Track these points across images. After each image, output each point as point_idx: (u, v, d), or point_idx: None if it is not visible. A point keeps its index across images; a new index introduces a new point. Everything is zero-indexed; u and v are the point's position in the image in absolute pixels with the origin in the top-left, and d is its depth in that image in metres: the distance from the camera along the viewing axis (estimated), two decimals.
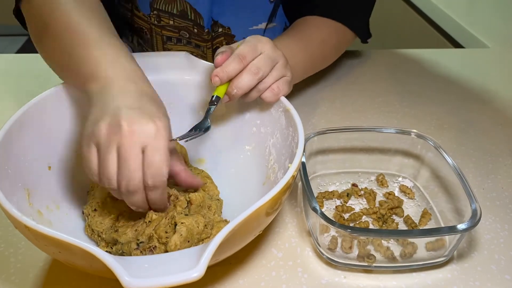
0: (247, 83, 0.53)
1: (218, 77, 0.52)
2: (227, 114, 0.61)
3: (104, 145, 0.43)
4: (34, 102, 0.52)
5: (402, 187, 0.62)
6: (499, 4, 1.27)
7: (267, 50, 0.55)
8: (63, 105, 0.55)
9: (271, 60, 0.55)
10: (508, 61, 0.98)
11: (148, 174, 0.43)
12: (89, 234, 0.51)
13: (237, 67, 0.53)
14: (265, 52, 0.55)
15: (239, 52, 0.53)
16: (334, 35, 0.76)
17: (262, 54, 0.54)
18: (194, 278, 0.36)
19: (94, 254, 0.36)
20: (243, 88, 0.53)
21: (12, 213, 0.40)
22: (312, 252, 0.53)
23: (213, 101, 0.53)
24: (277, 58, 0.56)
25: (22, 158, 0.49)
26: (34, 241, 0.41)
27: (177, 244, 0.45)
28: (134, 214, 0.50)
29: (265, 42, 0.55)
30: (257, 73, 0.53)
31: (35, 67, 0.89)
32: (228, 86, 0.54)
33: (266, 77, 0.55)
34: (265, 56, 0.54)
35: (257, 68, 0.53)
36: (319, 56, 0.75)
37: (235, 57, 0.53)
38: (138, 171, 0.43)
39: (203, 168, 0.60)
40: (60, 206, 0.52)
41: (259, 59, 0.54)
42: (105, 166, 0.43)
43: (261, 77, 0.54)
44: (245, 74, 0.53)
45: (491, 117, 0.78)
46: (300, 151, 0.48)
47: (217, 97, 0.53)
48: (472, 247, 0.55)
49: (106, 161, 0.43)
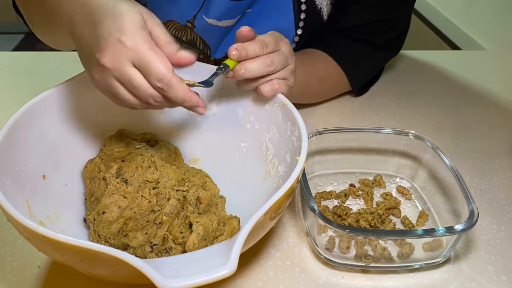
0: (257, 70, 0.53)
1: (238, 51, 0.52)
2: (219, 112, 0.61)
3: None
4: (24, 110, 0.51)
5: (399, 188, 0.62)
6: (496, 6, 1.28)
7: (286, 50, 0.55)
8: (52, 113, 0.54)
9: (285, 59, 0.55)
10: (505, 63, 0.99)
11: (153, 81, 0.44)
12: (95, 240, 0.50)
13: (257, 51, 0.53)
14: (284, 51, 0.55)
15: (264, 39, 0.53)
16: (335, 76, 0.77)
17: (280, 50, 0.55)
18: (227, 274, 0.35)
19: (124, 259, 0.35)
20: (251, 72, 0.53)
21: (27, 224, 0.38)
22: (309, 252, 0.53)
23: (221, 67, 0.52)
24: (290, 61, 0.56)
25: (17, 168, 0.49)
26: (50, 251, 0.40)
27: (195, 243, 0.44)
28: (141, 218, 0.50)
29: (287, 42, 0.56)
30: (270, 65, 0.53)
31: (31, 65, 0.89)
32: (237, 63, 0.53)
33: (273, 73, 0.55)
34: (282, 54, 0.55)
35: (271, 61, 0.53)
36: (315, 87, 0.76)
37: (258, 41, 0.53)
38: (143, 84, 0.44)
39: (198, 167, 0.60)
40: (60, 216, 0.51)
41: (277, 54, 0.54)
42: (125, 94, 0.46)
43: (271, 71, 0.54)
44: (259, 61, 0.53)
45: (488, 118, 0.78)
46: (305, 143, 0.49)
47: (225, 65, 0.52)
48: (469, 248, 0.55)
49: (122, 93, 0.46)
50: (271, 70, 0.54)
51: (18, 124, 0.50)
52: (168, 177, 0.54)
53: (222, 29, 0.72)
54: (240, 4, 0.69)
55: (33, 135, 0.52)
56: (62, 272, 0.50)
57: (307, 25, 0.73)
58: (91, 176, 0.54)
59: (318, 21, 0.73)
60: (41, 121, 0.53)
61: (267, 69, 0.53)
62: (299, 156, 0.47)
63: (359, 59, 0.78)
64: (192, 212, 0.48)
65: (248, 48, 0.52)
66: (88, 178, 0.54)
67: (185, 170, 0.57)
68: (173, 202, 0.51)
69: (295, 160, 0.47)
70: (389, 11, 0.74)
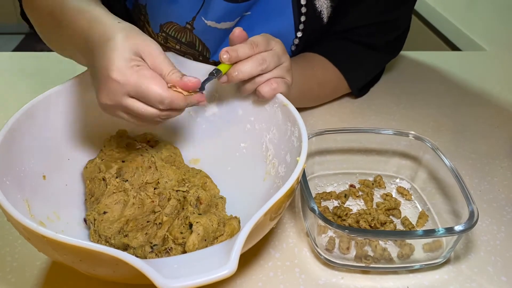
0: (250, 69, 0.53)
1: (228, 54, 0.53)
2: (219, 113, 0.61)
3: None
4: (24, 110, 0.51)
5: (399, 189, 0.62)
6: (497, 7, 1.28)
7: (278, 48, 0.56)
8: (52, 113, 0.54)
9: (278, 58, 0.55)
10: (505, 64, 0.99)
11: (155, 105, 0.47)
12: (96, 240, 0.50)
13: (247, 51, 0.53)
14: (275, 49, 0.55)
15: (253, 39, 0.54)
16: (335, 80, 0.77)
17: (272, 50, 0.55)
18: (227, 274, 0.35)
19: (124, 259, 0.35)
20: (245, 73, 0.54)
21: (27, 224, 0.38)
22: (309, 253, 0.53)
23: (213, 72, 0.53)
24: (283, 59, 0.56)
25: (17, 168, 0.49)
26: (50, 251, 0.40)
27: (195, 244, 0.44)
28: (142, 218, 0.50)
29: (278, 42, 0.57)
30: (262, 64, 0.54)
31: (31, 66, 0.89)
32: (230, 67, 0.54)
33: (267, 72, 0.55)
34: (274, 52, 0.55)
35: (263, 59, 0.54)
36: (315, 91, 0.76)
37: (248, 42, 0.54)
38: (147, 110, 0.47)
39: (198, 167, 0.60)
40: (60, 216, 0.51)
41: (268, 53, 0.55)
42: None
43: (264, 70, 0.54)
44: (250, 61, 0.54)
45: (488, 119, 0.78)
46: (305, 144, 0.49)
47: (217, 70, 0.53)
48: (469, 249, 0.55)
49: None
50: (264, 68, 0.54)
51: (19, 124, 0.50)
52: (168, 178, 0.54)
53: (221, 31, 0.72)
54: (239, 7, 0.69)
55: (33, 135, 0.52)
56: (62, 272, 0.50)
57: (307, 28, 0.73)
58: (91, 177, 0.54)
59: (318, 23, 0.74)
60: (41, 121, 0.53)
61: (260, 67, 0.54)
62: (299, 157, 0.47)
63: (359, 61, 0.78)
64: (192, 212, 0.48)
65: (238, 50, 0.53)
66: (88, 178, 0.54)
67: (185, 171, 0.57)
68: (173, 203, 0.51)
69: (295, 161, 0.48)
70: (389, 13, 0.74)
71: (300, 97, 0.71)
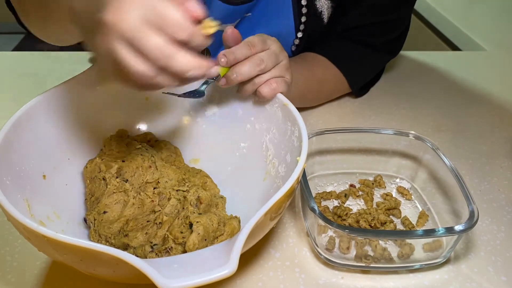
0: (248, 71, 0.53)
1: (226, 57, 0.52)
2: (219, 113, 0.61)
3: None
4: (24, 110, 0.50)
5: (399, 188, 0.62)
6: (497, 7, 1.28)
7: (274, 47, 0.56)
8: (53, 113, 0.54)
9: (275, 56, 0.55)
10: (504, 64, 0.99)
11: (173, 33, 0.39)
12: (96, 240, 0.50)
13: (245, 52, 0.53)
14: (272, 48, 0.55)
15: (250, 40, 0.54)
16: (335, 80, 0.77)
17: (269, 49, 0.55)
18: (227, 274, 0.35)
19: (124, 259, 0.35)
20: (243, 74, 0.53)
21: (27, 224, 0.38)
22: (309, 253, 0.53)
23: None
24: (281, 58, 0.56)
25: (17, 168, 0.48)
26: (50, 250, 0.40)
27: (195, 243, 0.44)
28: (142, 218, 0.50)
29: (274, 41, 0.56)
30: (260, 64, 0.54)
31: (31, 65, 0.89)
32: (228, 70, 0.54)
33: (266, 72, 0.55)
34: (271, 51, 0.55)
35: (260, 59, 0.54)
36: (315, 91, 0.76)
37: (245, 43, 0.53)
38: (158, 41, 0.38)
39: (198, 167, 0.60)
40: (60, 215, 0.51)
41: (265, 52, 0.55)
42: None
43: (262, 70, 0.54)
44: (248, 63, 0.53)
45: (488, 119, 0.78)
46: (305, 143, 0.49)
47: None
48: (469, 249, 0.55)
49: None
50: (262, 68, 0.54)
51: (19, 124, 0.50)
52: (168, 177, 0.54)
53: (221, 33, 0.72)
54: (239, 8, 0.69)
55: (34, 135, 0.52)
56: (62, 272, 0.50)
57: (308, 28, 0.73)
58: (92, 176, 0.54)
59: (318, 24, 0.74)
60: (42, 121, 0.53)
61: (258, 68, 0.54)
62: (299, 157, 0.47)
63: (359, 61, 0.78)
64: (192, 212, 0.48)
65: (235, 51, 0.53)
66: (88, 178, 0.54)
67: (185, 170, 0.57)
68: (173, 202, 0.51)
69: (295, 161, 0.48)
70: (389, 13, 0.74)
71: (300, 96, 0.71)
